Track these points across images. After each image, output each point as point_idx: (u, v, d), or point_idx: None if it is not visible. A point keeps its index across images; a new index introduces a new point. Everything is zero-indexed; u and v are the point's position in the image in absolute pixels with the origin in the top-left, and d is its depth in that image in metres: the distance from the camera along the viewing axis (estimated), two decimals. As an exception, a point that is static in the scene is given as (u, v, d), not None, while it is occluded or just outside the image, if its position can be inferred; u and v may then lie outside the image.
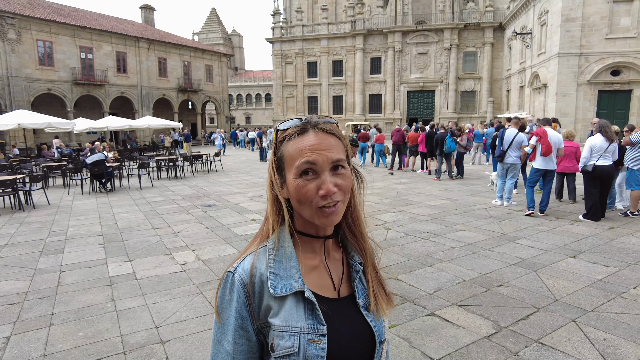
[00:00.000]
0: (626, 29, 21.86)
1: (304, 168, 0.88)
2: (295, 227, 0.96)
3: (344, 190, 0.90)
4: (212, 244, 6.39)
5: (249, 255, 0.95)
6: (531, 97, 27.77)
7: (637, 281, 4.53)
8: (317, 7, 44.26)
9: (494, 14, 36.35)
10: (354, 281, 0.98)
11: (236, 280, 0.90)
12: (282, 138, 0.93)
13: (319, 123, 0.92)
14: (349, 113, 40.89)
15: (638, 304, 3.98)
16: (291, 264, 0.91)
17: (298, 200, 0.89)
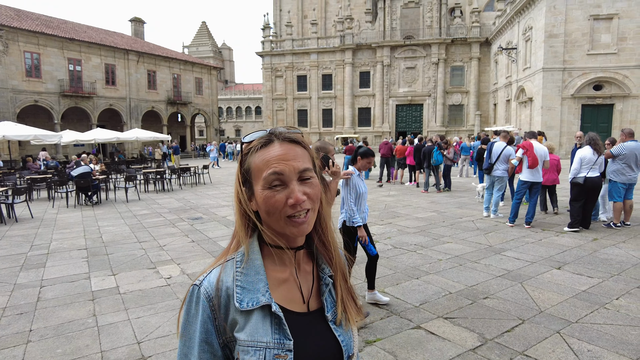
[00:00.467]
0: (606, 45, 22.49)
1: (272, 179, 0.87)
2: (265, 239, 0.93)
3: (313, 199, 0.90)
4: (197, 257, 6.32)
5: (215, 268, 0.92)
6: (517, 111, 28.26)
7: (619, 292, 4.57)
8: (306, 22, 44.80)
9: (480, 30, 37.12)
10: (323, 294, 0.96)
11: (202, 294, 0.88)
12: (247, 150, 0.92)
13: (283, 133, 0.92)
14: (338, 126, 41.13)
15: (621, 314, 4.01)
16: (259, 277, 0.89)
17: (267, 211, 0.88)
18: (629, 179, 7.49)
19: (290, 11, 44.90)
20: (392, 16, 38.80)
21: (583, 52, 22.69)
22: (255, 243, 0.93)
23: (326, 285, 0.98)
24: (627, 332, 3.65)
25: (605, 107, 23.15)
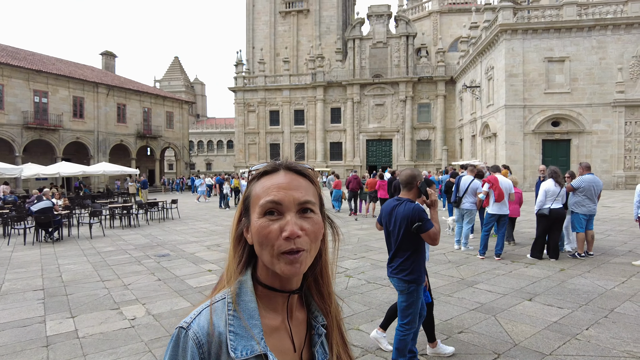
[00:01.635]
0: (561, 85, 23.98)
1: (268, 207, 0.81)
2: (258, 278, 0.86)
3: (311, 237, 0.82)
4: (164, 297, 6.03)
5: (205, 310, 0.83)
6: (483, 146, 29.35)
7: (589, 322, 4.64)
8: (279, 59, 45.79)
9: (445, 69, 38.92)
10: (315, 346, 0.90)
11: (190, 339, 0.79)
12: (252, 178, 0.89)
13: (291, 164, 0.88)
14: (310, 160, 41.43)
15: (592, 345, 4.04)
16: (253, 322, 0.82)
17: (259, 242, 0.81)
18: (589, 210, 7.80)
19: (262, 49, 45.92)
20: (361, 55, 40.25)
21: (541, 91, 24.07)
22: (250, 282, 0.85)
23: (319, 335, 0.91)
24: (599, 363, 3.67)
25: (563, 142, 24.40)
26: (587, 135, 23.95)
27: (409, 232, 3.38)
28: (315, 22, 45.92)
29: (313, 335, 0.91)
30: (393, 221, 3.52)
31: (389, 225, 3.59)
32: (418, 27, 42.41)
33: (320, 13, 45.93)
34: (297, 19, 46.43)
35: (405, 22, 39.76)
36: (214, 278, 7.00)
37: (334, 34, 45.74)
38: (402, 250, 3.47)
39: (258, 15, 47.20)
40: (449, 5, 43.56)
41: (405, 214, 3.40)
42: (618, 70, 23.43)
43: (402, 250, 3.47)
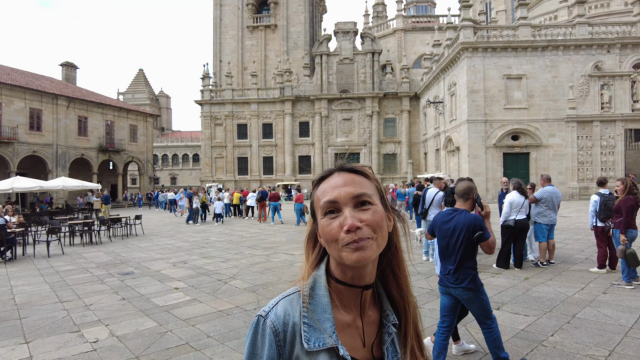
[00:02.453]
0: (519, 100, 25.14)
1: (327, 207, 0.87)
2: (332, 273, 0.91)
3: (372, 226, 0.85)
4: (128, 317, 5.77)
5: (281, 300, 0.90)
6: (446, 159, 30.20)
7: (553, 328, 4.79)
8: (246, 73, 45.72)
9: (409, 85, 40.04)
10: (385, 344, 0.93)
11: (267, 327, 0.86)
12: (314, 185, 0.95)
13: (343, 165, 0.94)
14: (279, 174, 41.29)
15: (557, 350, 4.17)
16: (325, 315, 0.87)
17: (325, 240, 0.87)
18: (551, 220, 8.15)
19: (230, 62, 45.74)
20: (328, 71, 40.83)
21: (501, 106, 25.14)
22: (323, 277, 0.91)
23: (389, 334, 0.94)
24: (565, 368, 3.79)
25: (523, 155, 25.49)
26: (544, 149, 25.13)
27: (470, 240, 3.56)
28: (283, 37, 46.30)
29: (383, 333, 0.94)
30: (452, 230, 3.63)
31: (447, 234, 3.68)
32: (383, 44, 43.56)
33: (287, 28, 46.38)
34: (264, 34, 46.66)
35: (371, 39, 40.75)
36: (181, 296, 6.79)
37: (301, 49, 46.24)
38: (466, 260, 3.62)
39: (225, 29, 47.12)
40: (413, 23, 45.06)
41: (467, 223, 3.57)
42: (569, 88, 24.85)
43: (467, 260, 3.62)
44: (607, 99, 24.99)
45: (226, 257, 10.35)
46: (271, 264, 9.33)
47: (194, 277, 8.24)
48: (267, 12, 47.29)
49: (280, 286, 7.17)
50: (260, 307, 5.98)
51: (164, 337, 4.92)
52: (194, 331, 5.10)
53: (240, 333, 4.98)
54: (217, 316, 5.66)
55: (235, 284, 7.48)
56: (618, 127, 25.05)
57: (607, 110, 25.02)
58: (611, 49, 24.93)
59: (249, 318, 5.51)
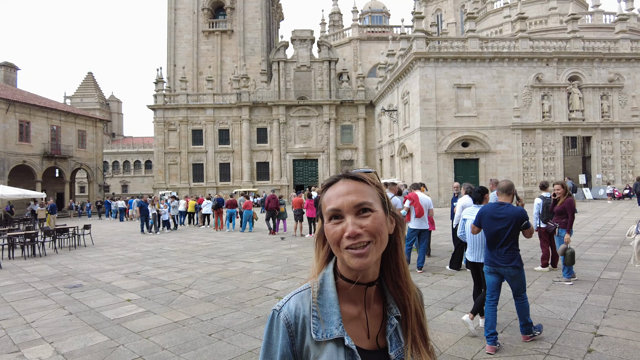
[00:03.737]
0: (468, 109, 26.34)
1: (331, 214, 0.97)
2: (339, 271, 1.01)
3: (372, 232, 0.94)
4: (76, 332, 5.46)
5: (294, 296, 1.01)
6: (401, 165, 31.04)
7: (502, 325, 5.04)
8: (202, 78, 44.86)
9: (365, 93, 40.90)
10: (388, 334, 1.01)
11: (281, 320, 0.97)
12: (323, 190, 1.04)
13: (349, 173, 1.02)
14: (236, 180, 40.71)
15: (506, 346, 4.39)
16: (333, 309, 0.97)
17: (330, 242, 0.98)
18: (498, 223, 8.56)
19: (185, 67, 44.70)
20: (286, 78, 40.91)
21: (451, 115, 26.22)
22: (331, 275, 1.01)
23: (391, 325, 1.02)
24: (513, 363, 4.00)
25: (472, 161, 26.68)
26: (492, 155, 26.44)
27: (517, 228, 4.41)
28: (240, 43, 45.92)
29: (387, 324, 1.02)
30: (503, 219, 4.42)
31: (496, 224, 4.45)
32: (339, 52, 44.25)
33: (244, 34, 46.06)
34: (220, 39, 46.06)
35: (327, 48, 41.30)
36: (133, 308, 6.52)
37: (258, 55, 46.04)
38: (513, 244, 4.44)
39: (180, 33, 46.07)
40: (368, 33, 46.15)
41: (516, 214, 4.42)
42: (514, 98, 26.37)
43: (514, 243, 4.44)
44: (547, 108, 26.73)
45: (181, 267, 10.05)
46: (228, 272, 9.16)
47: (148, 288, 7.95)
48: (224, 18, 46.76)
49: (238, 295, 7.07)
50: (218, 316, 5.87)
51: (116, 352, 4.70)
52: (148, 344, 4.92)
53: (197, 344, 4.86)
54: (172, 327, 5.49)
55: (190, 294, 7.29)
56: (557, 134, 26.84)
57: (548, 119, 26.75)
58: (550, 62, 26.73)
59: (205, 328, 5.39)
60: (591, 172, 27.58)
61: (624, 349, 4.24)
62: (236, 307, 6.35)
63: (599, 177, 27.17)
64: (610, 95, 27.23)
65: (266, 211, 16.93)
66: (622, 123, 27.09)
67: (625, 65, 27.32)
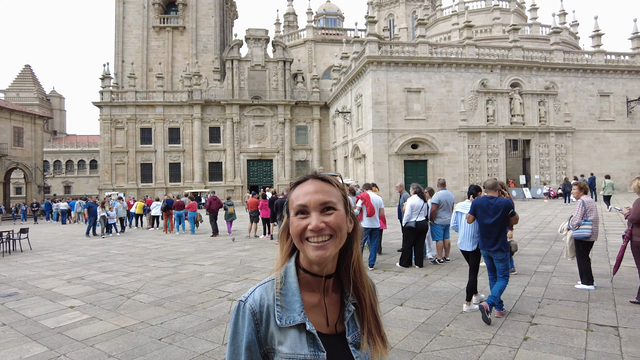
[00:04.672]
0: (418, 112, 27.27)
1: (298, 209, 1.06)
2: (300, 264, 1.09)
3: (333, 227, 1.04)
4: (10, 344, 5.11)
5: (258, 287, 1.09)
6: (354, 166, 31.57)
7: (449, 319, 5.30)
8: (151, 75, 43.26)
9: (320, 94, 41.19)
10: (345, 320, 1.10)
11: (247, 309, 1.05)
12: (291, 187, 1.14)
13: (317, 173, 1.13)
14: (187, 181, 39.60)
15: (452, 338, 4.63)
16: (295, 298, 1.05)
17: (294, 235, 1.05)
18: (445, 220, 8.96)
19: (133, 63, 42.83)
20: (240, 77, 40.35)
21: (402, 117, 27.01)
22: (293, 268, 1.09)
23: (349, 312, 1.11)
24: (458, 353, 4.23)
25: (422, 162, 27.64)
26: (440, 156, 27.52)
27: (506, 216, 5.34)
28: (192, 40, 44.72)
29: (344, 311, 1.11)
30: (495, 209, 5.34)
31: (489, 213, 5.35)
32: (294, 53, 44.28)
33: (197, 31, 44.90)
34: (172, 35, 44.62)
35: (282, 48, 41.20)
36: (77, 315, 6.20)
37: (211, 53, 45.07)
38: (502, 231, 5.33)
39: (129, 27, 44.13)
40: (323, 35, 46.54)
41: (505, 205, 5.36)
42: (461, 102, 27.61)
43: (502, 231, 5.33)
44: (491, 112, 28.21)
45: (129, 271, 9.67)
46: (179, 275, 8.93)
47: (93, 293, 7.58)
48: (175, 14, 45.33)
49: (190, 298, 6.92)
50: (168, 320, 5.73)
51: (57, 362, 4.46)
52: (93, 352, 4.71)
53: (146, 349, 4.71)
54: (120, 333, 5.29)
55: (139, 299, 7.04)
56: (500, 137, 28.40)
57: (492, 123, 28.24)
58: (494, 69, 28.25)
59: (155, 333, 5.24)
60: (530, 173, 29.43)
61: (554, 335, 4.61)
62: (187, 310, 6.22)
63: (537, 178, 29.04)
64: (547, 101, 29.20)
65: (209, 213, 16.71)
66: (557, 128, 29.14)
67: (559, 74, 29.41)
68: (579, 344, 4.33)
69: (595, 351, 4.15)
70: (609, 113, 30.21)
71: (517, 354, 4.16)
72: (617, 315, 5.21)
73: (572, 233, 6.55)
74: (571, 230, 6.58)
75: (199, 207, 18.90)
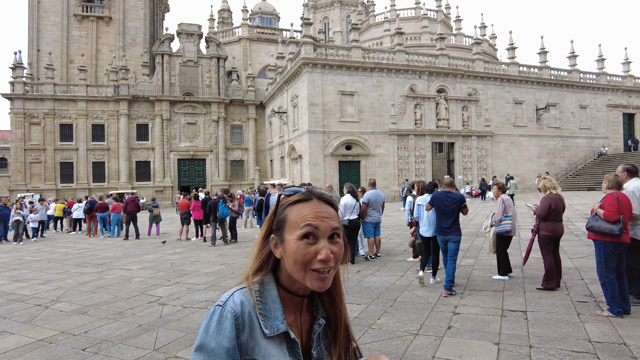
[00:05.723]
0: (352, 115, 28.03)
1: (307, 231, 0.97)
2: (281, 282, 1.04)
3: (338, 259, 1.00)
4: None
5: (237, 292, 1.00)
6: (290, 166, 31.69)
7: (380, 313, 5.55)
8: (73, 67, 40.12)
9: (255, 93, 40.77)
10: (315, 333, 1.07)
11: (228, 313, 0.95)
12: (286, 203, 1.04)
13: (321, 194, 1.05)
14: (112, 181, 37.25)
15: (383, 331, 4.86)
16: (276, 305, 1.00)
17: (295, 260, 0.97)
18: (375, 219, 9.35)
19: (52, 53, 39.32)
20: (170, 72, 38.73)
21: (336, 119, 27.60)
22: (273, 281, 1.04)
23: (319, 325, 1.09)
24: (389, 344, 4.46)
25: (355, 163, 28.47)
26: (372, 158, 28.51)
27: (459, 208, 6.51)
28: (119, 32, 42.13)
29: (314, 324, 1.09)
30: (450, 202, 6.45)
31: (447, 204, 6.45)
32: (229, 50, 43.37)
33: (124, 23, 42.39)
34: (96, 26, 41.68)
35: (216, 44, 40.20)
36: (-16, 328, 5.62)
37: (140, 46, 42.77)
38: (456, 219, 6.52)
39: (45, 14, 40.48)
40: (258, 34, 46.08)
41: (459, 199, 6.54)
42: (391, 106, 28.81)
43: (457, 219, 6.52)
44: (419, 116, 29.75)
45: (47, 279, 8.93)
46: (105, 281, 8.42)
47: (2, 305, 6.92)
48: (100, 3, 42.36)
49: (117, 304, 6.57)
50: (93, 329, 5.41)
51: (-38, 381, 4.04)
52: (5, 367, 4.32)
53: (67, 360, 4.41)
54: (36, 347, 4.89)
55: (59, 308, 6.55)
56: (427, 140, 30.05)
57: (420, 126, 29.78)
58: (422, 75, 29.82)
59: (78, 343, 4.91)
60: (454, 173, 31.45)
61: (474, 322, 5.03)
62: (115, 317, 5.90)
63: (461, 178, 31.12)
64: (469, 107, 31.40)
65: (125, 215, 15.95)
66: (478, 132, 31.44)
67: (480, 82, 31.77)
68: (494, 329, 4.77)
69: (507, 334, 4.59)
70: (522, 119, 33.19)
71: (442, 342, 4.48)
72: (526, 301, 5.79)
73: (495, 229, 7.15)
74: (494, 227, 7.19)
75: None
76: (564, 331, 4.61)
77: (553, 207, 6.29)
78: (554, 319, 5.00)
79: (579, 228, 12.31)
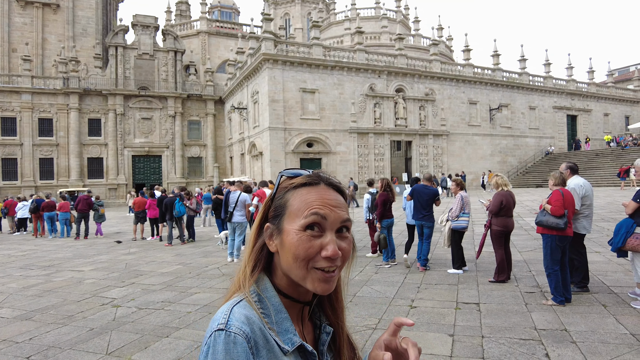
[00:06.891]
0: (313, 112, 28.09)
1: (313, 220, 0.80)
2: (277, 286, 0.86)
3: (345, 257, 0.83)
4: None
5: (235, 307, 0.80)
6: (251, 163, 31.34)
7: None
8: (15, 56, 37.62)
9: (214, 89, 39.91)
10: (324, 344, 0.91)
11: (237, 337, 0.74)
12: (288, 186, 0.86)
13: (330, 180, 0.88)
14: (62, 178, 35.32)
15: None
16: (282, 315, 0.82)
17: (295, 255, 0.80)
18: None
19: (-11, 40, 36.76)
20: (125, 65, 37.16)
21: (298, 116, 27.56)
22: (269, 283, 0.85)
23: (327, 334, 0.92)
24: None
25: (316, 160, 28.57)
26: (333, 155, 28.72)
27: (433, 200, 7.73)
28: (68, 21, 39.91)
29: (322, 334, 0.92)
30: (427, 195, 7.65)
31: (423, 197, 7.63)
32: (187, 44, 42.17)
33: (74, 11, 40.19)
34: (42, 13, 39.23)
35: (173, 37, 38.97)
36: None
37: (92, 37, 40.75)
38: (431, 209, 7.70)
39: (-18, -2, 37.71)
40: (217, 27, 45.10)
41: (434, 192, 7.76)
42: (352, 104, 29.13)
43: (431, 209, 7.70)
44: (378, 115, 30.26)
45: (-14, 282, 8.35)
46: (53, 284, 7.99)
47: (-64, 312, 6.39)
48: (45, -12, 39.94)
49: (67, 307, 6.24)
50: (39, 335, 5.12)
51: None
52: (-62, 379, 4.00)
53: (10, 369, 4.15)
54: (-25, 355, 4.57)
55: (0, 314, 6.14)
56: (386, 138, 30.64)
57: (379, 125, 30.31)
58: (381, 74, 30.33)
59: (22, 351, 4.63)
60: (412, 171, 32.26)
61: (430, 315, 5.19)
62: (64, 321, 5.61)
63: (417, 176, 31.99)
64: (426, 106, 32.29)
65: (77, 213, 15.33)
66: (434, 131, 32.40)
67: (437, 82, 32.74)
68: (449, 321, 4.94)
69: (461, 325, 4.78)
70: (476, 119, 34.52)
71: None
72: (479, 293, 6.05)
73: (452, 224, 7.40)
74: (450, 222, 7.44)
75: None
76: (513, 321, 4.85)
77: (504, 204, 6.60)
78: (504, 310, 5.26)
79: (528, 223, 12.99)
